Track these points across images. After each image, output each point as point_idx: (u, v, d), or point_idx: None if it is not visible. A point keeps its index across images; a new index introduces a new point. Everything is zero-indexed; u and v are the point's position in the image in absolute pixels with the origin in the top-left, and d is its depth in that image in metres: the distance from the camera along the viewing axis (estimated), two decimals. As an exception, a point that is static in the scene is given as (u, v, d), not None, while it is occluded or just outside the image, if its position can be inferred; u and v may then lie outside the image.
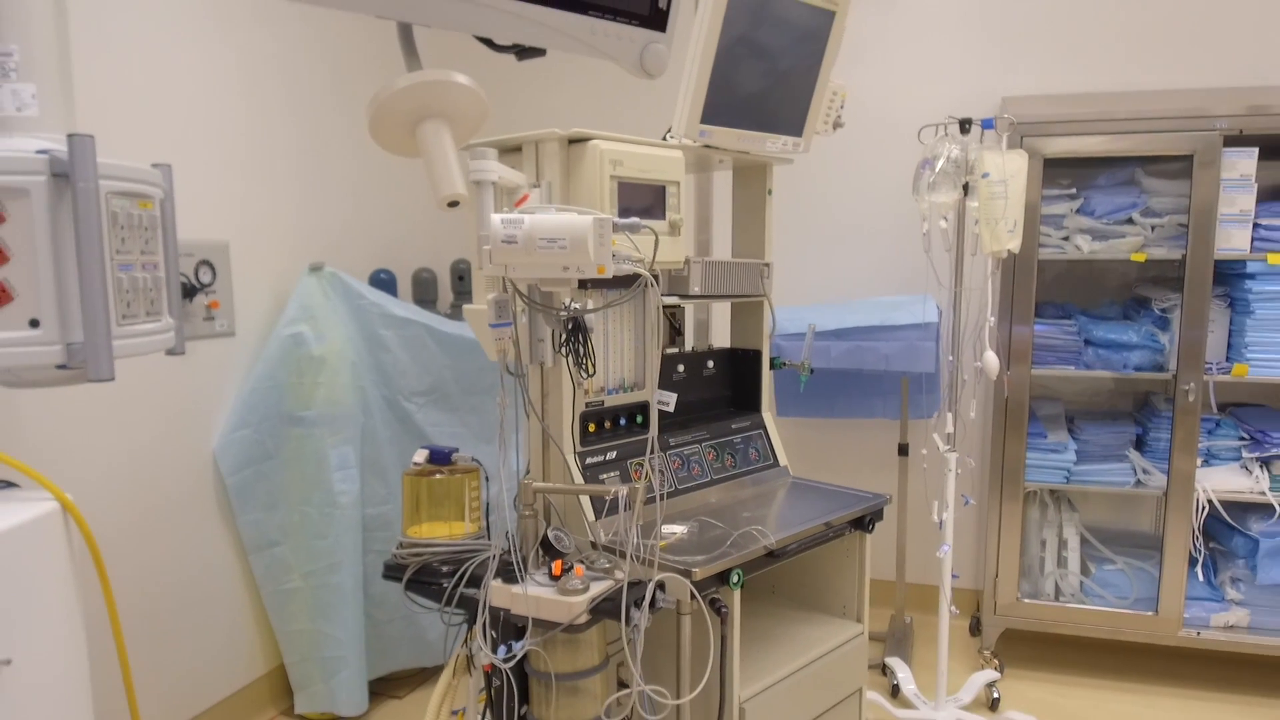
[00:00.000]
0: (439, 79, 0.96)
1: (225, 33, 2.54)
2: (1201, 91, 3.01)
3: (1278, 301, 2.75)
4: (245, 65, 2.63)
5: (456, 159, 1.01)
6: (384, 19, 0.89)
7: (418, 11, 0.91)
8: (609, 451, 1.97)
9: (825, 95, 2.26)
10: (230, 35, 2.56)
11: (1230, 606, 2.89)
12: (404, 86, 0.95)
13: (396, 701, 2.82)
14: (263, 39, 2.69)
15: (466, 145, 1.67)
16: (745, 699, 1.85)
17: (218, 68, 2.52)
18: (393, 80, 0.95)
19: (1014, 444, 2.95)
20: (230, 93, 2.57)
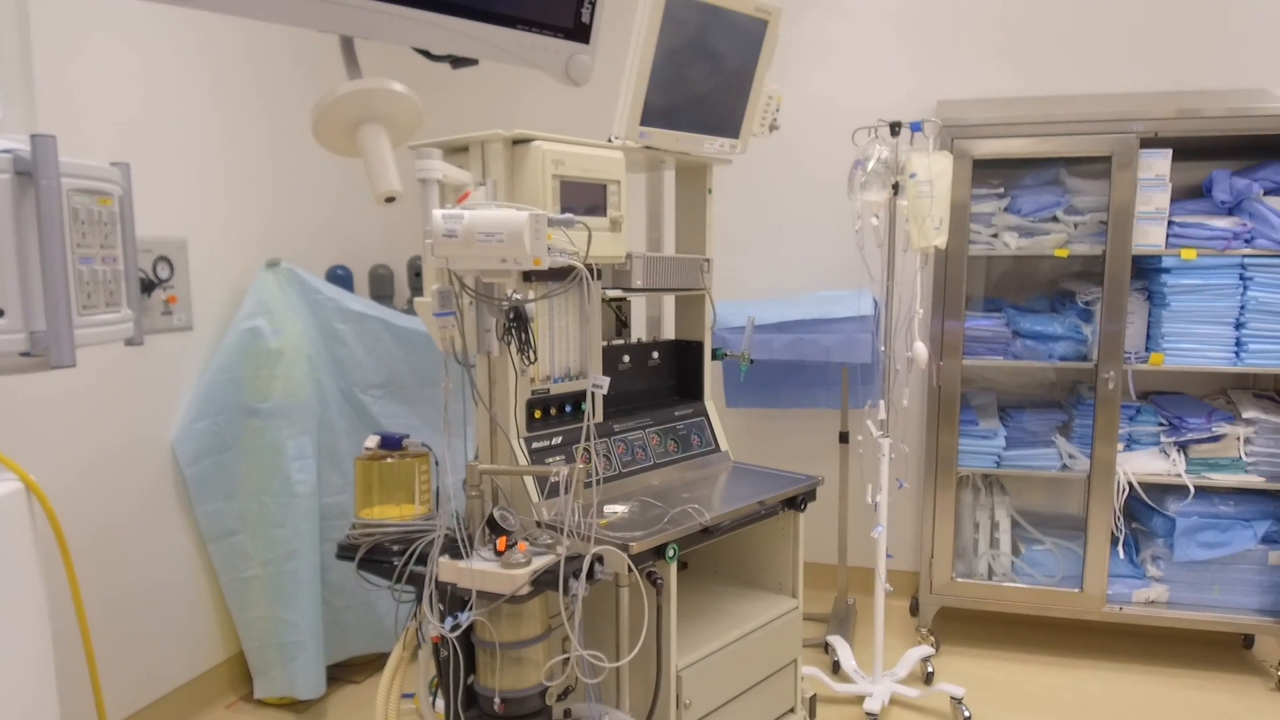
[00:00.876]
0: (376, 87, 1.06)
1: (183, 33, 2.61)
2: (1121, 96, 3.19)
3: (1191, 295, 2.93)
4: (203, 65, 2.69)
5: (393, 158, 1.11)
6: (326, 33, 0.99)
7: (357, 26, 1.01)
8: (554, 437, 2.07)
9: (761, 99, 2.39)
10: (188, 36, 2.63)
11: (1150, 583, 3.07)
12: (343, 94, 1.04)
13: (354, 686, 2.90)
14: (221, 39, 2.76)
15: (413, 145, 1.77)
16: (683, 667, 1.97)
17: (176, 68, 2.59)
18: (334, 88, 1.05)
19: (947, 431, 3.10)
20: (188, 93, 2.63)
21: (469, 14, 1.13)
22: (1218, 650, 3.21)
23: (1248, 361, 2.91)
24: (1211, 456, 3.00)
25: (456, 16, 1.12)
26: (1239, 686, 2.95)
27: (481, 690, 1.76)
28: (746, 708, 2.20)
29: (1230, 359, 2.93)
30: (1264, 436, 2.97)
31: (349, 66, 1.07)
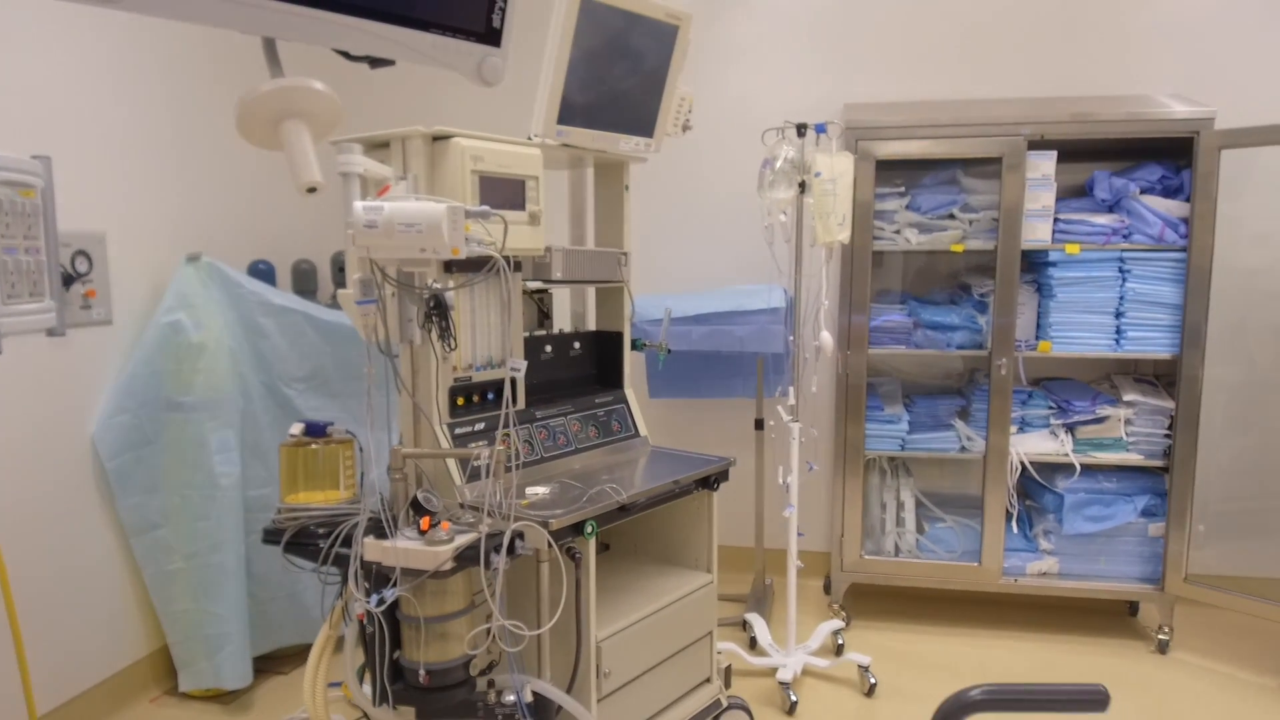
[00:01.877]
0: (297, 85, 1.14)
1: (101, 28, 2.60)
2: (1011, 101, 3.41)
3: (1076, 287, 3.16)
4: (121, 60, 2.69)
5: (314, 152, 1.19)
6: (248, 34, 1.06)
7: (278, 28, 1.09)
8: (477, 423, 2.15)
9: (674, 101, 2.50)
10: (105, 28, 2.62)
11: (1043, 556, 3.30)
12: (266, 91, 1.11)
13: (281, 677, 2.92)
14: (137, 31, 2.75)
15: (334, 140, 1.83)
16: (602, 638, 2.07)
17: (93, 63, 2.58)
18: (256, 85, 1.12)
19: (854, 417, 3.28)
20: (105, 86, 2.63)
21: (384, 18, 1.21)
22: (1105, 617, 3.46)
23: (1127, 348, 3.16)
24: (1096, 437, 3.23)
25: (372, 20, 1.20)
26: (1124, 650, 3.20)
27: (407, 664, 1.83)
28: (664, 677, 2.31)
29: (1111, 346, 3.17)
30: (1143, 418, 3.22)
31: (271, 66, 1.14)
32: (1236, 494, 3.52)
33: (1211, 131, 2.96)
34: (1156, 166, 3.18)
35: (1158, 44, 3.43)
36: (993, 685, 1.01)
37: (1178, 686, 2.92)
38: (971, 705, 0.98)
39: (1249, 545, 3.51)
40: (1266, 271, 3.39)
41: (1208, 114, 2.98)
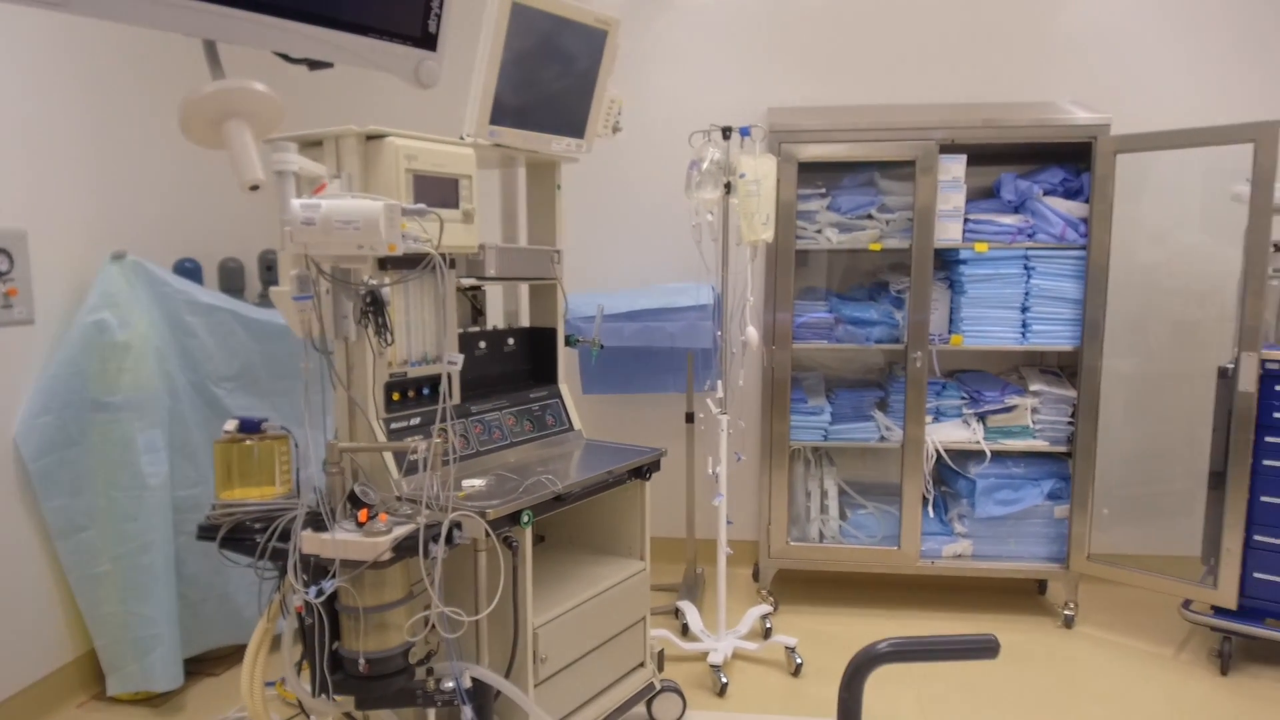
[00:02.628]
0: (239, 86, 1.17)
1: (20, 24, 2.55)
2: (924, 107, 3.58)
3: (985, 283, 3.33)
4: (41, 56, 2.63)
5: (256, 151, 1.22)
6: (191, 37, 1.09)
7: (219, 31, 1.12)
8: (413, 418, 2.19)
9: (604, 103, 2.58)
10: (20, 21, 2.57)
11: (957, 539, 3.47)
12: (208, 92, 1.15)
13: (213, 679, 2.90)
14: (60, 32, 2.70)
15: (268, 139, 1.85)
16: (539, 625, 2.14)
17: (10, 59, 2.52)
18: (199, 86, 1.15)
19: (780, 410, 3.40)
20: (22, 82, 2.57)
21: (324, 22, 1.25)
22: (1016, 595, 3.66)
23: (1032, 341, 3.35)
24: (1005, 425, 3.42)
25: (312, 24, 1.24)
26: (1034, 626, 3.39)
27: (346, 654, 1.87)
28: (600, 662, 2.39)
29: (1018, 339, 3.36)
30: (1048, 406, 3.42)
31: (212, 67, 1.18)
32: (1135, 478, 3.77)
33: (1108, 137, 3.16)
34: (1059, 169, 3.38)
35: (1061, 54, 3.64)
36: (897, 639, 1.11)
37: (1083, 658, 3.12)
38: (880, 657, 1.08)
39: (1146, 526, 3.76)
40: (1162, 268, 3.63)
41: (1104, 120, 3.19)
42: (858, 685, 1.08)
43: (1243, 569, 3.00)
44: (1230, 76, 3.58)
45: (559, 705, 2.23)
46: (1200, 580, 3.13)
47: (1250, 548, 2.99)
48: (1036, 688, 2.90)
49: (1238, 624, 3.00)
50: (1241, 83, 3.58)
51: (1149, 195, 3.57)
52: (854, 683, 1.08)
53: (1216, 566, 3.05)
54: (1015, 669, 3.03)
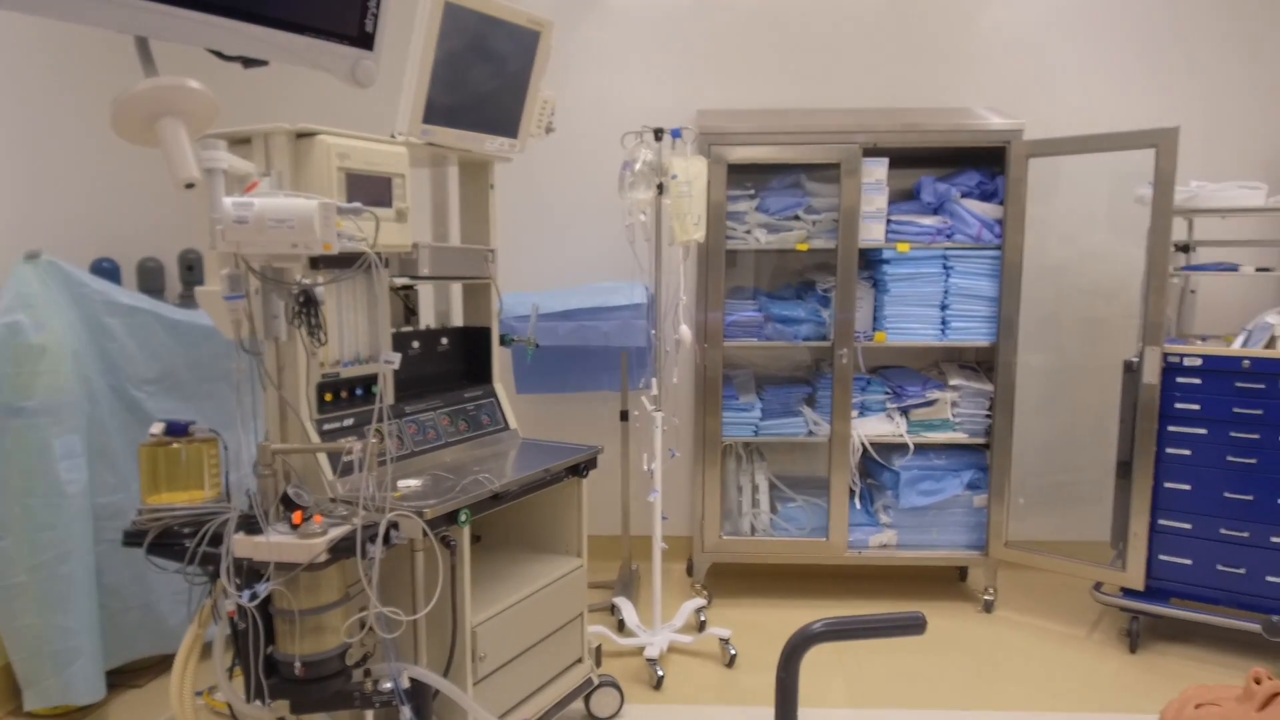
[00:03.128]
0: (172, 84, 1.16)
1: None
2: (848, 111, 3.68)
3: (907, 282, 3.45)
4: (-61, 44, 2.52)
5: (191, 148, 1.21)
6: (123, 34, 1.07)
7: (153, 28, 1.11)
8: (346, 419, 2.17)
9: (537, 103, 2.59)
10: (-80, 12, 2.45)
11: (883, 529, 3.58)
12: (141, 90, 1.13)
13: (137, 690, 2.82)
14: (-41, 18, 2.59)
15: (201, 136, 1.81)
16: (477, 624, 2.14)
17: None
18: (132, 84, 1.13)
19: (712, 407, 3.46)
20: (-78, 73, 2.46)
21: (260, 20, 1.25)
22: (939, 583, 3.80)
23: (952, 337, 3.48)
24: (927, 418, 3.55)
25: (248, 22, 1.23)
26: (956, 611, 3.53)
27: (281, 657, 1.84)
28: (538, 659, 2.40)
29: (938, 335, 3.49)
30: (967, 400, 3.56)
31: (145, 64, 1.16)
32: (1049, 468, 3.95)
33: (1020, 141, 3.31)
34: (975, 173, 3.52)
35: (978, 61, 3.79)
36: (831, 619, 1.16)
37: (1002, 641, 3.26)
38: (815, 637, 1.13)
39: (1060, 513, 3.94)
40: (1073, 268, 3.80)
41: (1017, 126, 3.33)
42: (794, 664, 1.13)
43: (1149, 552, 3.18)
44: (1136, 84, 3.78)
45: (498, 703, 2.24)
46: (1110, 564, 3.30)
47: (1155, 532, 3.17)
48: (959, 670, 3.02)
49: (1145, 604, 3.18)
50: (1146, 90, 3.78)
51: (1061, 197, 3.74)
52: (791, 662, 1.13)
53: (1125, 550, 3.22)
54: (939, 653, 3.15)
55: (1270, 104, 3.76)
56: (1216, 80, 3.77)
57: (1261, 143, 3.78)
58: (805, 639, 1.13)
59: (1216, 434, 3.05)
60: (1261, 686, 0.91)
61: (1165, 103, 3.77)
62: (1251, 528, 3.01)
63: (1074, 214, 3.77)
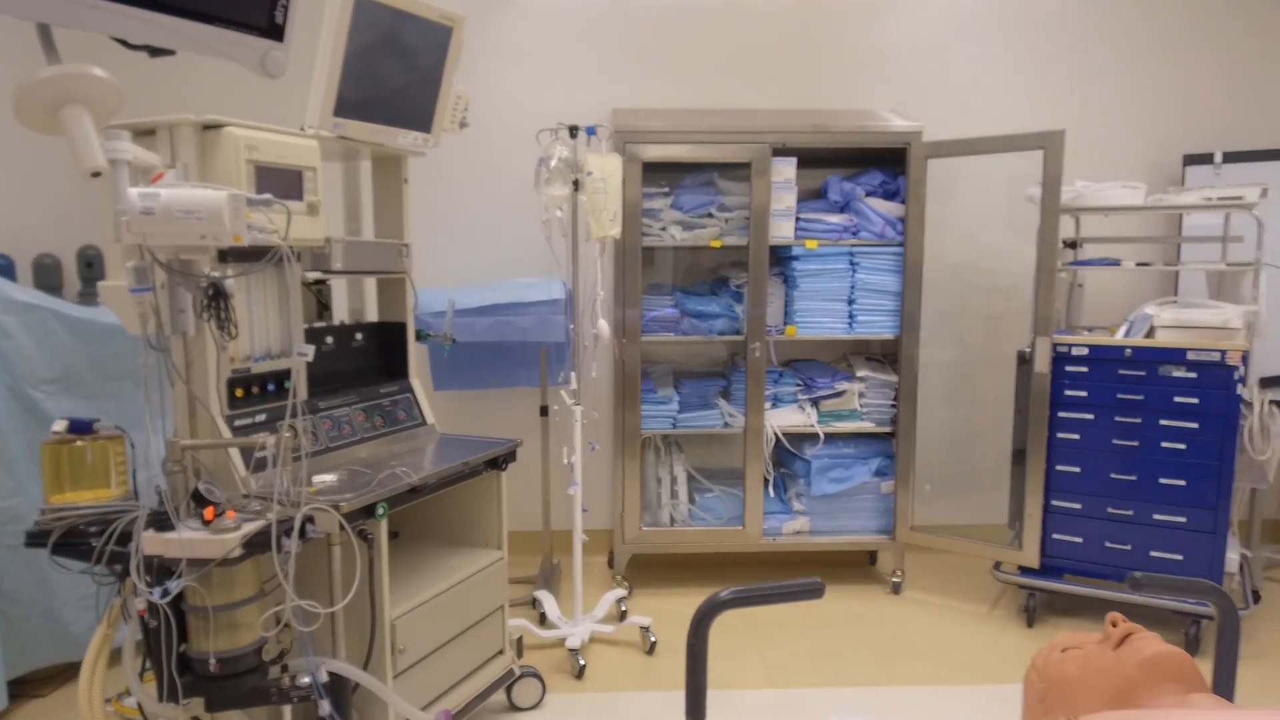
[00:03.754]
0: (76, 71, 1.14)
1: None
2: (758, 112, 3.79)
3: (815, 278, 3.58)
4: None
5: (96, 137, 1.20)
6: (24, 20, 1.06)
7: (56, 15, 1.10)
8: (258, 414, 2.14)
9: (450, 98, 2.60)
10: None
11: (796, 516, 3.70)
12: (45, 78, 1.11)
13: (40, 700, 2.71)
14: None
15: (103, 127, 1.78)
16: (396, 617, 2.15)
17: None
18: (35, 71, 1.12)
19: (631, 401, 3.52)
20: None
21: (168, 9, 1.24)
22: (850, 567, 3.94)
23: (858, 330, 3.62)
24: (836, 409, 3.68)
25: (156, 11, 1.23)
26: (866, 594, 3.67)
27: (195, 655, 1.82)
28: (459, 651, 2.42)
29: (846, 329, 3.62)
30: (874, 391, 3.71)
31: (47, 52, 1.14)
32: (953, 456, 4.13)
33: (920, 143, 3.47)
34: (879, 173, 3.67)
35: (884, 65, 3.95)
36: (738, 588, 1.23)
37: (910, 619, 3.41)
38: (722, 604, 1.19)
39: (962, 498, 4.13)
40: (972, 266, 3.98)
41: (917, 128, 3.49)
42: (703, 631, 1.19)
43: (1043, 532, 3.37)
44: (1028, 89, 3.99)
45: (419, 695, 2.25)
46: (1008, 544, 3.48)
47: (1049, 512, 3.36)
48: (870, 649, 3.15)
49: (1040, 581, 3.37)
50: (1038, 95, 4.00)
51: (962, 197, 3.91)
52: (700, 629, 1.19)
53: (1021, 531, 3.41)
54: (850, 633, 3.28)
55: (1148, 109, 4.03)
56: (1101, 86, 4.01)
57: (1141, 145, 4.04)
58: (713, 606, 1.19)
59: (1102, 419, 3.25)
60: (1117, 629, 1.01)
61: (1055, 107, 4.00)
62: (1136, 506, 3.22)
63: (974, 213, 3.96)
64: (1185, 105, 4.04)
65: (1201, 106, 4.04)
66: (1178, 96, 4.03)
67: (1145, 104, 4.03)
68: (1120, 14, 3.98)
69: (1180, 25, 4.00)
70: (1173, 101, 4.03)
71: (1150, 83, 4.01)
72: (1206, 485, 3.11)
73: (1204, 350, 3.05)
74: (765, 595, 1.21)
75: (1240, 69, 4.03)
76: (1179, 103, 4.03)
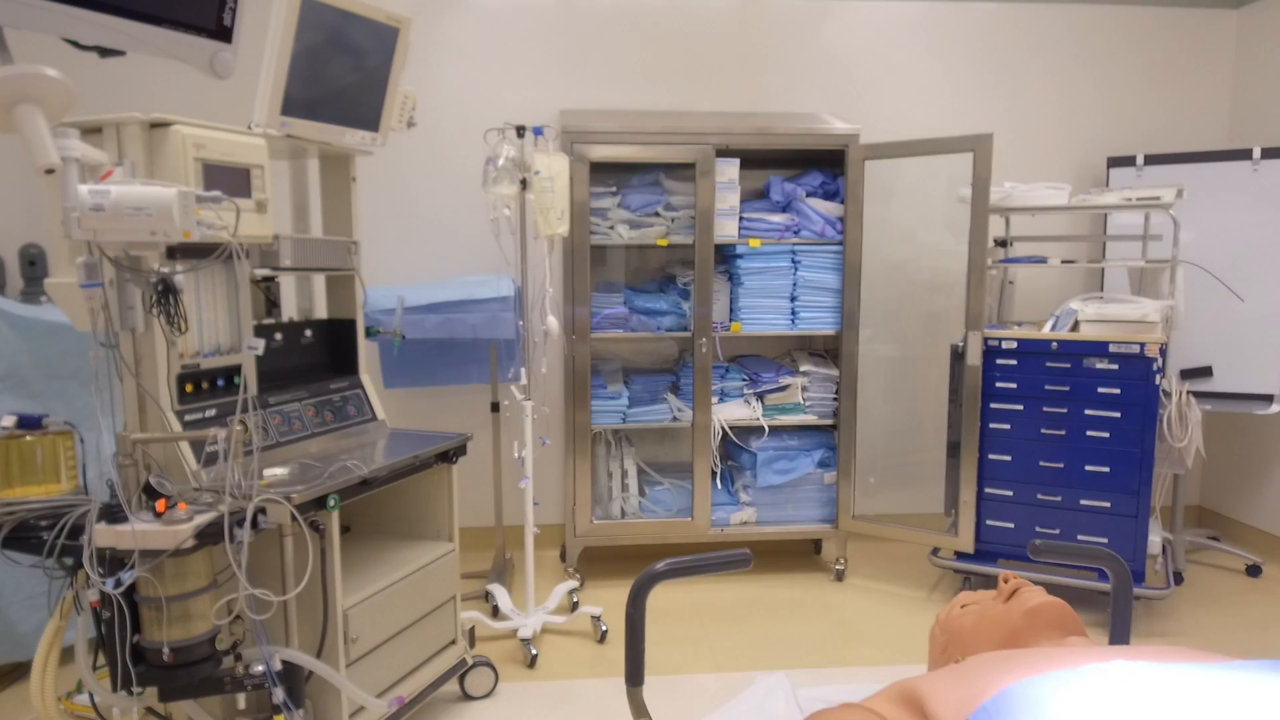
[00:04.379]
0: (29, 72, 1.18)
1: None
2: (704, 114, 3.89)
3: (759, 275, 3.68)
4: None
5: (50, 135, 1.23)
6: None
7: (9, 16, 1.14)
8: (208, 409, 2.17)
9: (398, 98, 2.64)
10: None
11: (743, 507, 3.80)
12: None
13: (-16, 703, 2.70)
14: None
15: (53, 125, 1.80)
16: (349, 606, 2.19)
17: None
18: (-13, 71, 1.16)
19: (581, 398, 3.59)
20: None
21: (118, 11, 1.29)
22: (795, 556, 4.06)
23: (801, 326, 3.74)
24: (780, 402, 3.79)
25: (105, 13, 1.27)
26: (811, 581, 3.78)
27: (148, 644, 1.84)
28: (412, 641, 2.46)
29: (789, 325, 3.74)
30: (816, 385, 3.82)
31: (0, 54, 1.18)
32: (895, 448, 4.27)
33: (858, 145, 3.59)
34: (819, 174, 3.79)
35: (825, 69, 4.07)
36: (672, 559, 1.31)
37: (853, 605, 3.53)
38: (658, 576, 1.27)
39: (903, 489, 4.27)
40: (913, 264, 4.12)
41: (855, 131, 3.62)
42: (641, 601, 1.27)
43: (977, 518, 3.51)
44: (962, 93, 4.15)
45: (372, 684, 2.29)
46: (945, 531, 3.62)
47: (982, 500, 3.51)
48: (814, 634, 3.26)
49: (975, 565, 3.51)
50: (971, 99, 4.16)
51: (903, 197, 4.05)
52: (638, 599, 1.27)
53: (957, 518, 3.55)
54: (796, 620, 3.39)
55: (1075, 113, 4.21)
56: (1031, 91, 4.19)
57: (1069, 147, 4.23)
58: (650, 578, 1.27)
59: (1031, 409, 3.40)
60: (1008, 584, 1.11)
61: (987, 111, 4.17)
62: (1063, 492, 3.38)
63: (915, 213, 4.09)
64: (1110, 110, 4.23)
65: (1125, 111, 4.24)
66: (1102, 102, 4.23)
67: (1072, 108, 4.21)
68: (1049, 24, 4.17)
69: (1104, 35, 4.20)
70: (1098, 106, 4.23)
71: (1077, 88, 4.20)
72: (1129, 472, 3.28)
73: (1124, 343, 3.22)
74: (697, 566, 1.29)
75: (1161, 76, 4.24)
76: (1104, 107, 4.23)
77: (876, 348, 4.05)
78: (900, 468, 4.28)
